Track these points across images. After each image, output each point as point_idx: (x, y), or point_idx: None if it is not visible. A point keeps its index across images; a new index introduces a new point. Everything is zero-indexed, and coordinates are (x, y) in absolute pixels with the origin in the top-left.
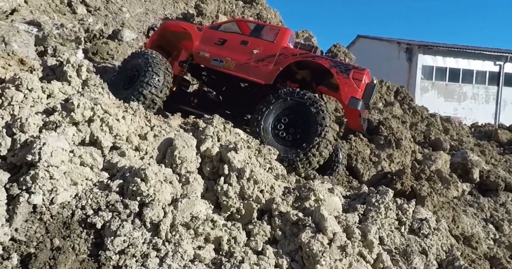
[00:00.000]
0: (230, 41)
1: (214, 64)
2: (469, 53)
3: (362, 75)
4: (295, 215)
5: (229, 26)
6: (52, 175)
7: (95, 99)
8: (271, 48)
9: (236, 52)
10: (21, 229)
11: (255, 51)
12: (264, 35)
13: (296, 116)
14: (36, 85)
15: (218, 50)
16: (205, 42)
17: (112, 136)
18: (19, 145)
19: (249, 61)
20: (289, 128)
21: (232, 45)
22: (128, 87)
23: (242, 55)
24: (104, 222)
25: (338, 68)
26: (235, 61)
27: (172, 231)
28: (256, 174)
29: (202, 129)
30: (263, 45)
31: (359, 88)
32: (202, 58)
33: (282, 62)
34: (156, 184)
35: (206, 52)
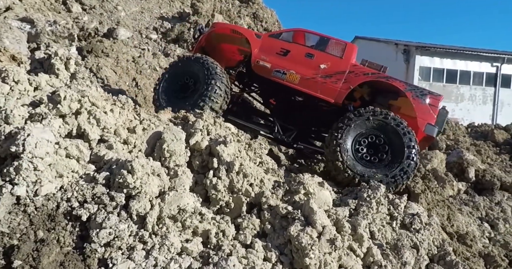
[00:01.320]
0: (294, 52)
1: (275, 75)
2: (466, 55)
3: (438, 101)
4: (285, 209)
5: (290, 36)
6: (36, 166)
7: (83, 92)
8: (340, 65)
9: (301, 65)
10: (4, 221)
11: (323, 66)
12: (330, 49)
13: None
14: (22, 77)
15: (280, 61)
16: (265, 51)
17: (99, 129)
18: (4, 136)
19: (315, 77)
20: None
21: (296, 57)
22: (183, 97)
23: (307, 69)
24: (90, 215)
25: (413, 92)
26: (300, 74)
27: (159, 223)
28: (246, 167)
29: (192, 123)
30: (331, 61)
31: (435, 115)
32: (262, 68)
33: (352, 81)
34: (143, 176)
35: (267, 62)
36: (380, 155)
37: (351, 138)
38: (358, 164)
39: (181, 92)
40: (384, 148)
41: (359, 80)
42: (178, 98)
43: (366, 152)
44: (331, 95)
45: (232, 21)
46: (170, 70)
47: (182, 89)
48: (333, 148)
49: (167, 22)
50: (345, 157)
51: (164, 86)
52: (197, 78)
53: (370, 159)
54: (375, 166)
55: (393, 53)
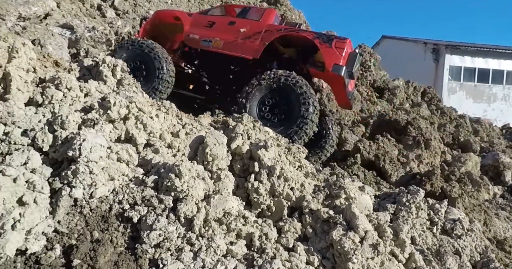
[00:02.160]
0: (219, 23)
1: (203, 44)
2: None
3: (344, 44)
4: (326, 213)
5: (217, 11)
6: (92, 169)
7: (130, 98)
8: (257, 26)
9: (224, 32)
10: (63, 221)
11: (242, 30)
12: (250, 15)
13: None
14: (74, 84)
15: (207, 32)
16: (195, 26)
17: (146, 133)
18: (60, 141)
19: (236, 39)
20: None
21: (220, 26)
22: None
23: (229, 34)
24: (140, 216)
25: (321, 39)
26: (223, 40)
27: (205, 226)
28: (286, 171)
29: (232, 128)
30: (250, 24)
31: (341, 56)
32: (192, 40)
33: (267, 37)
34: (189, 180)
35: (196, 34)
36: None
37: (255, 101)
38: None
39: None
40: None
41: (273, 36)
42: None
43: (270, 114)
44: (249, 52)
45: None
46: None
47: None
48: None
49: None
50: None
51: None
52: (146, 63)
53: (271, 119)
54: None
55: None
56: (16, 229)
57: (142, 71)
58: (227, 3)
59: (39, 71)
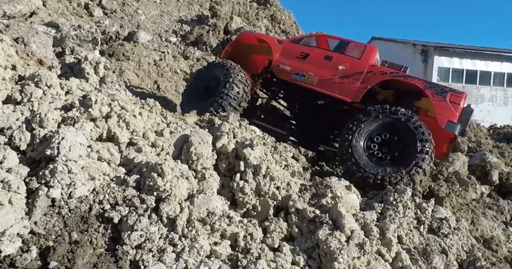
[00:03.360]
0: (313, 56)
1: (295, 78)
2: (486, 55)
3: (460, 98)
4: (312, 212)
5: (310, 41)
6: (70, 169)
7: (112, 96)
8: (358, 65)
9: (320, 67)
10: (40, 222)
11: (340, 67)
12: (349, 51)
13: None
14: (54, 82)
15: (300, 64)
16: (286, 56)
17: (129, 132)
18: (38, 139)
19: (333, 77)
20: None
21: (315, 60)
22: (205, 97)
23: (326, 70)
24: (121, 217)
25: (433, 90)
26: (319, 76)
27: (188, 226)
28: (272, 170)
29: (218, 126)
30: (349, 62)
31: (456, 112)
32: (282, 72)
33: (370, 80)
34: (172, 179)
35: (287, 66)
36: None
37: (362, 138)
38: (372, 163)
39: (205, 94)
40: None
41: (376, 80)
42: (202, 99)
43: (380, 151)
44: (348, 95)
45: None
46: (196, 75)
47: (206, 91)
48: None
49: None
50: (358, 157)
51: (190, 90)
52: (219, 81)
53: (382, 157)
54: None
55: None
56: None
57: (213, 88)
58: (320, 33)
59: (20, 68)
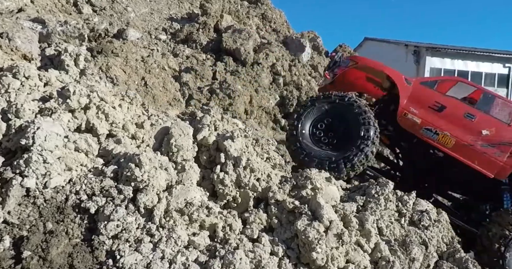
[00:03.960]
0: (451, 109)
1: (425, 134)
2: (477, 56)
3: None
4: (292, 203)
5: (449, 86)
6: (46, 159)
7: (91, 87)
8: (507, 133)
9: (458, 126)
10: (14, 212)
11: (485, 132)
12: (495, 111)
13: None
14: (33, 73)
15: (433, 117)
16: (416, 102)
17: (108, 124)
18: (14, 130)
19: (475, 144)
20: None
21: (453, 116)
22: (333, 147)
23: (465, 132)
24: (98, 207)
25: None
26: (456, 139)
27: (166, 216)
28: (253, 162)
29: (199, 119)
30: (496, 126)
31: None
32: (410, 123)
33: None
34: (150, 170)
35: (417, 117)
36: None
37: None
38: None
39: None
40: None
41: None
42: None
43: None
44: (491, 169)
45: (241, 22)
46: (314, 107)
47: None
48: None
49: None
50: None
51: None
52: (354, 125)
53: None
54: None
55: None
56: None
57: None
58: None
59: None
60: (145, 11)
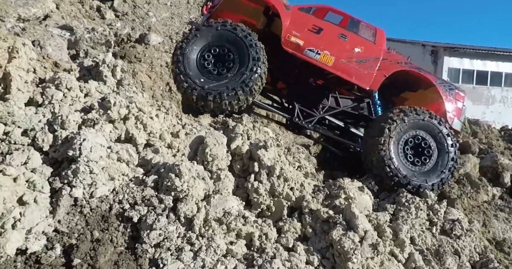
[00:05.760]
0: (327, 31)
1: (308, 54)
2: (497, 55)
3: (463, 97)
4: (326, 213)
5: (320, 12)
6: (92, 169)
7: (130, 98)
8: (374, 50)
9: (335, 46)
10: (64, 221)
11: (357, 49)
12: (362, 32)
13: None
14: (74, 84)
15: (314, 39)
16: (297, 26)
17: (146, 133)
18: (60, 141)
19: (350, 60)
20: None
21: (329, 37)
22: (218, 74)
23: (342, 51)
24: (140, 216)
25: (443, 86)
26: (335, 57)
27: (205, 225)
28: (286, 171)
29: (232, 128)
30: (364, 45)
31: (461, 110)
32: (294, 45)
33: (387, 69)
34: (189, 180)
35: (300, 39)
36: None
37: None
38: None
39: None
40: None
41: (393, 69)
42: (210, 76)
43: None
44: (366, 82)
45: None
46: (195, 39)
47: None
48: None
49: None
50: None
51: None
52: (240, 53)
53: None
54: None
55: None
56: (16, 228)
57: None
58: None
59: (39, 71)
60: (165, 15)
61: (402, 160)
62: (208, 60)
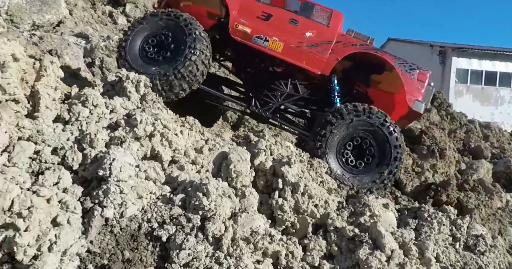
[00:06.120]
0: (277, 17)
1: (256, 42)
2: (506, 56)
3: (426, 77)
4: (351, 231)
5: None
6: (122, 189)
7: (156, 115)
8: (327, 34)
9: (284, 32)
10: (95, 241)
11: (308, 34)
12: (315, 16)
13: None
14: (100, 101)
15: (262, 26)
16: (245, 14)
17: (171, 150)
18: (90, 159)
19: (300, 46)
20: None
21: (279, 23)
22: (157, 59)
23: (291, 36)
24: (169, 235)
25: (403, 67)
26: (284, 43)
27: (233, 245)
28: (310, 188)
29: (255, 143)
30: (317, 29)
31: (422, 91)
32: (241, 33)
33: (340, 52)
34: (216, 199)
35: (247, 27)
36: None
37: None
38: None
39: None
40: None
41: (347, 51)
42: (150, 61)
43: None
44: (317, 67)
45: None
46: (138, 27)
47: (157, 51)
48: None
49: None
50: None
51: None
52: (177, 39)
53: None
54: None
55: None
56: (52, 251)
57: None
58: None
59: (64, 86)
60: None
61: (341, 164)
62: (150, 46)
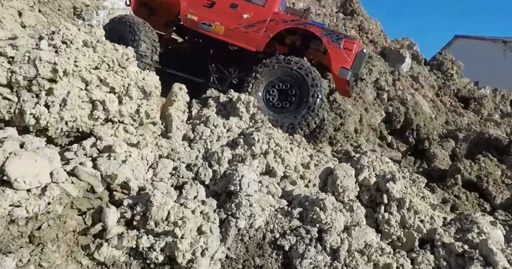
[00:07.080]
0: (219, 4)
1: (202, 28)
2: None
3: (353, 45)
4: (460, 247)
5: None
6: (251, 203)
7: (270, 134)
8: (262, 13)
9: (226, 16)
10: (232, 248)
11: (245, 15)
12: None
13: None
14: (219, 121)
15: (206, 13)
16: (193, 4)
17: (283, 166)
18: (219, 175)
19: (238, 27)
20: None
21: (221, 8)
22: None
23: (231, 19)
24: (291, 245)
25: (329, 37)
26: (224, 26)
27: (349, 256)
28: (415, 204)
29: (357, 159)
30: (254, 10)
31: (349, 58)
32: (191, 22)
33: (272, 29)
34: (332, 212)
35: (194, 15)
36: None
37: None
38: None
39: None
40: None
41: (278, 28)
42: None
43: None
44: (252, 44)
45: None
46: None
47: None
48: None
49: None
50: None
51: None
52: (126, 38)
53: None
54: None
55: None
56: (205, 256)
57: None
58: None
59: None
60: None
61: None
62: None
